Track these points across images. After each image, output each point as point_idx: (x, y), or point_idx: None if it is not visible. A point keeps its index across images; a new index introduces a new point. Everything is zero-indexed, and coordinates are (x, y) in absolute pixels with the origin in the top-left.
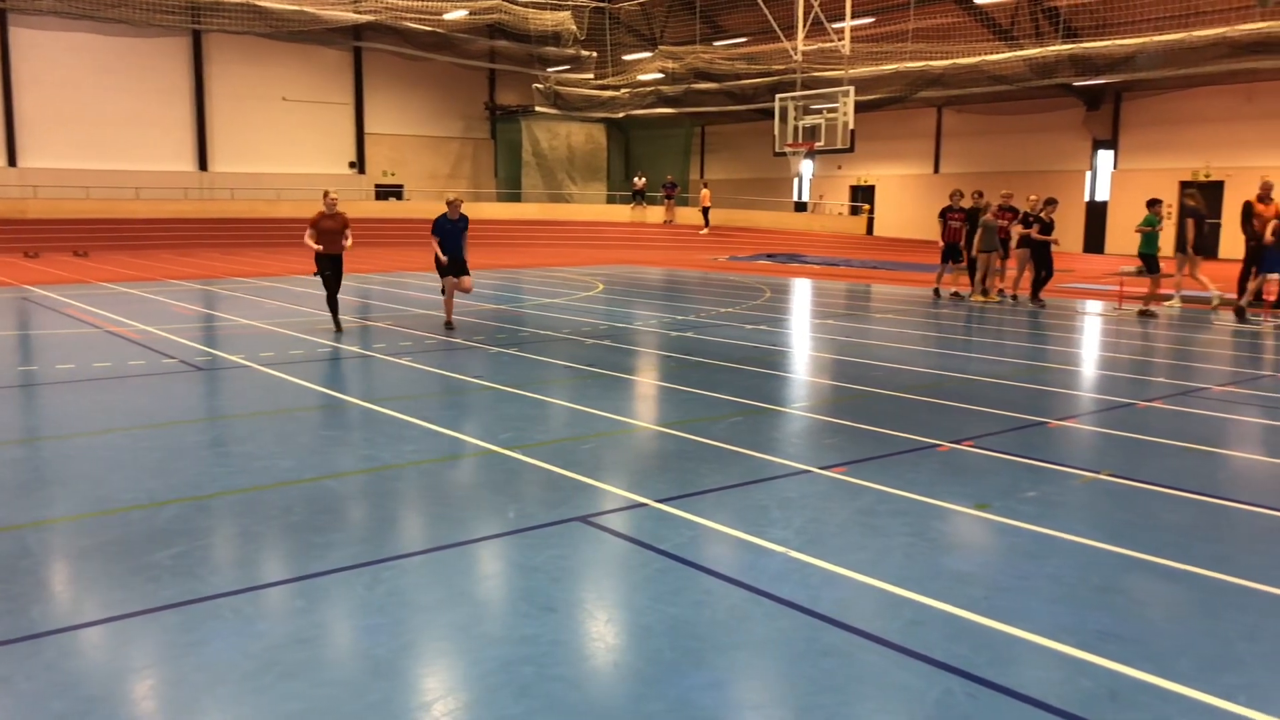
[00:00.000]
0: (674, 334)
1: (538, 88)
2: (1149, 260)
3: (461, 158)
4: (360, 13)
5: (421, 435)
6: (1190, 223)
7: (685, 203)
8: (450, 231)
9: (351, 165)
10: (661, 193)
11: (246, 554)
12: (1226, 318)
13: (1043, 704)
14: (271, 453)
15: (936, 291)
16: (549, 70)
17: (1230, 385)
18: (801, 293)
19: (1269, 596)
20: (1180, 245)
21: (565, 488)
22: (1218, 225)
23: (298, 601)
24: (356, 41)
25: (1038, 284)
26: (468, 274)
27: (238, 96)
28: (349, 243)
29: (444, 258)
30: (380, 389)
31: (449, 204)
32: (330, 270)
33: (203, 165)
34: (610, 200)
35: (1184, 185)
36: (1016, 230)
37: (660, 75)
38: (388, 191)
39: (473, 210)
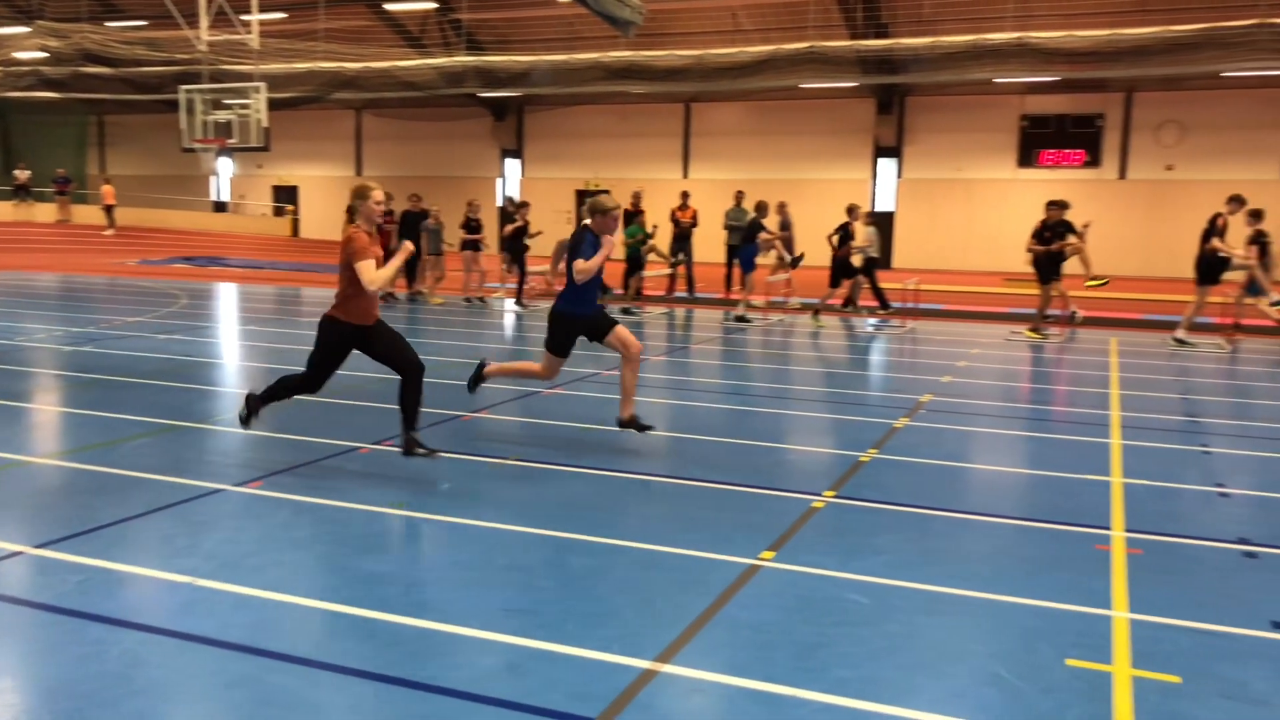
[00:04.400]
0: (69, 349)
1: None
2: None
3: None
4: None
5: None
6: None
7: (84, 200)
8: None
9: None
10: (53, 188)
11: None
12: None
13: (455, 691)
14: None
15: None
16: None
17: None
18: (222, 298)
19: (621, 549)
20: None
21: None
22: None
23: None
24: None
25: (521, 286)
26: None
27: None
28: None
29: None
30: None
31: None
32: None
33: None
34: None
35: (580, 194)
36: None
37: (43, 54)
38: None
39: None
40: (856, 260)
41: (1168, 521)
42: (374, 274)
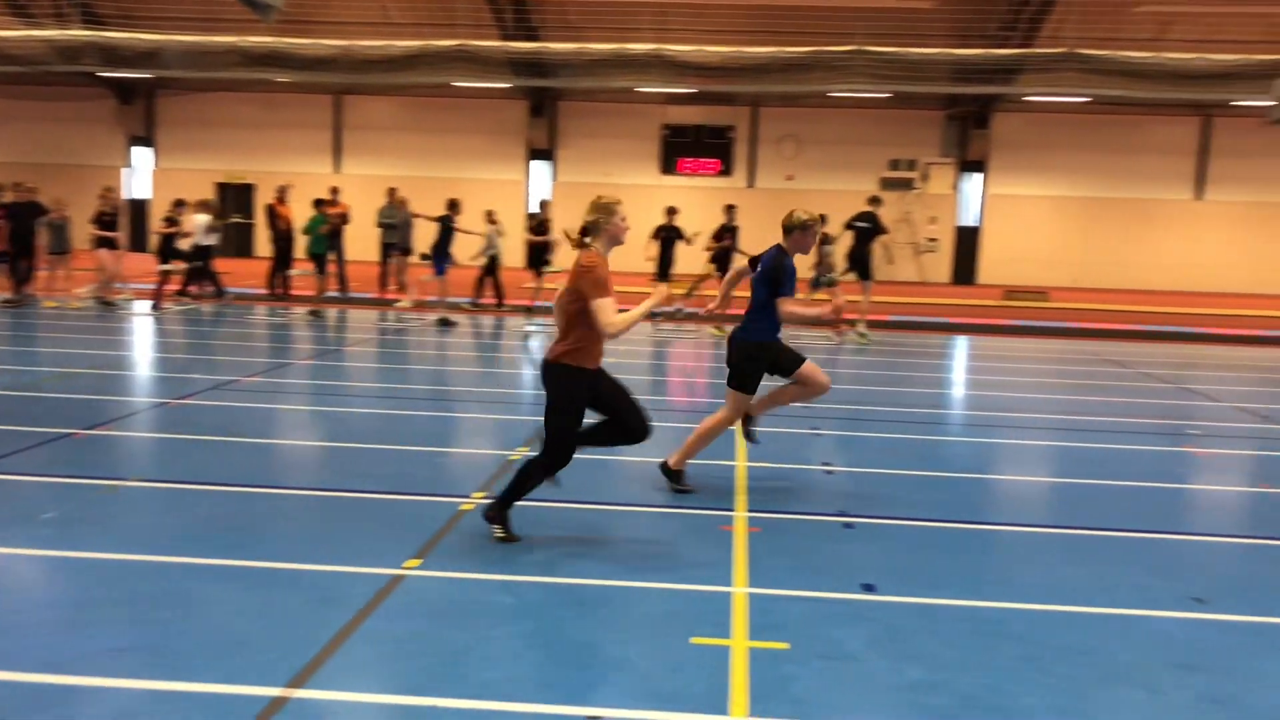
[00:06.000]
0: None
1: None
2: (319, 260)
3: None
4: None
5: None
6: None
7: None
8: None
9: None
10: None
11: None
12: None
13: None
14: None
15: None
16: None
17: (258, 376)
18: None
19: (254, 571)
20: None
21: None
22: (251, 225)
23: None
24: None
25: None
26: None
27: None
28: None
29: None
30: None
31: None
32: None
33: None
34: None
35: (221, 187)
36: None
37: None
38: None
39: None
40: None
41: (783, 499)
42: (615, 317)
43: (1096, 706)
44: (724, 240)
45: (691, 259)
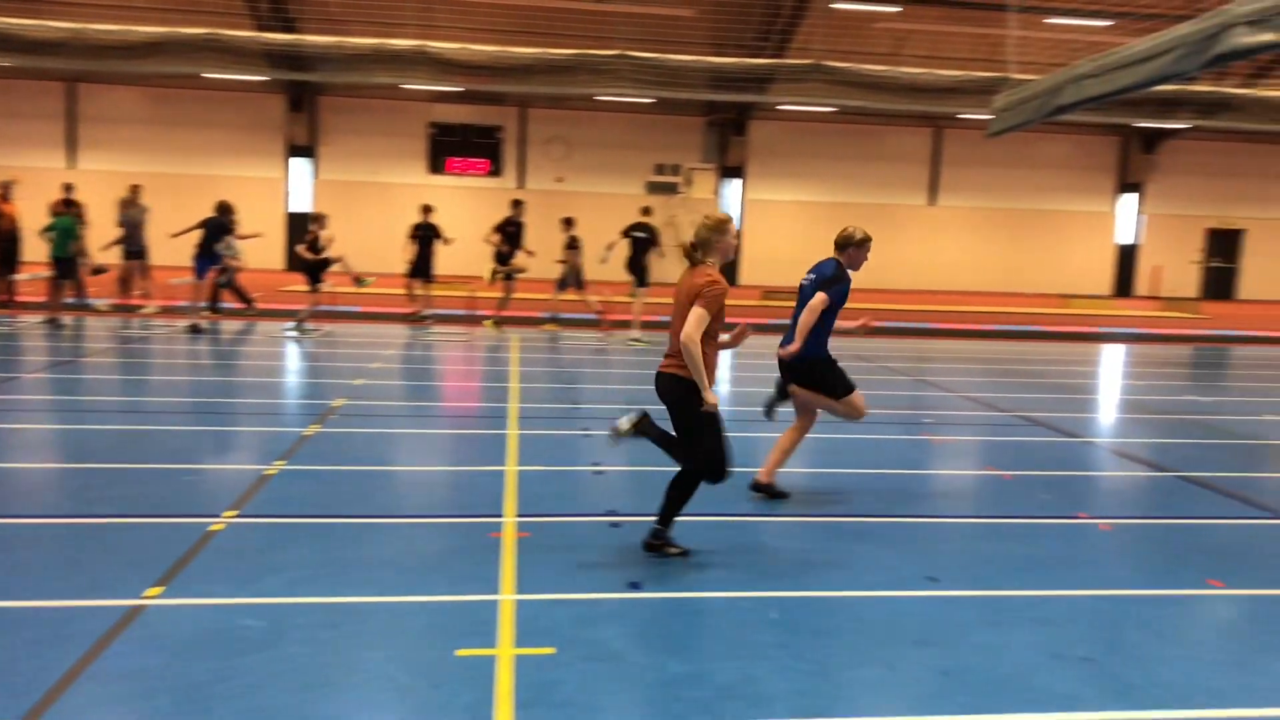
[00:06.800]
0: None
1: None
2: (61, 264)
3: None
4: None
5: None
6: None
7: None
8: None
9: None
10: None
11: None
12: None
13: None
14: None
15: None
16: None
17: None
18: None
19: None
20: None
21: None
22: None
23: None
24: None
25: None
26: None
27: None
28: None
29: None
30: None
31: None
32: None
33: None
34: None
35: None
36: None
37: None
38: None
39: None
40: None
41: (553, 502)
42: (698, 334)
43: (840, 687)
44: (509, 230)
45: (457, 259)
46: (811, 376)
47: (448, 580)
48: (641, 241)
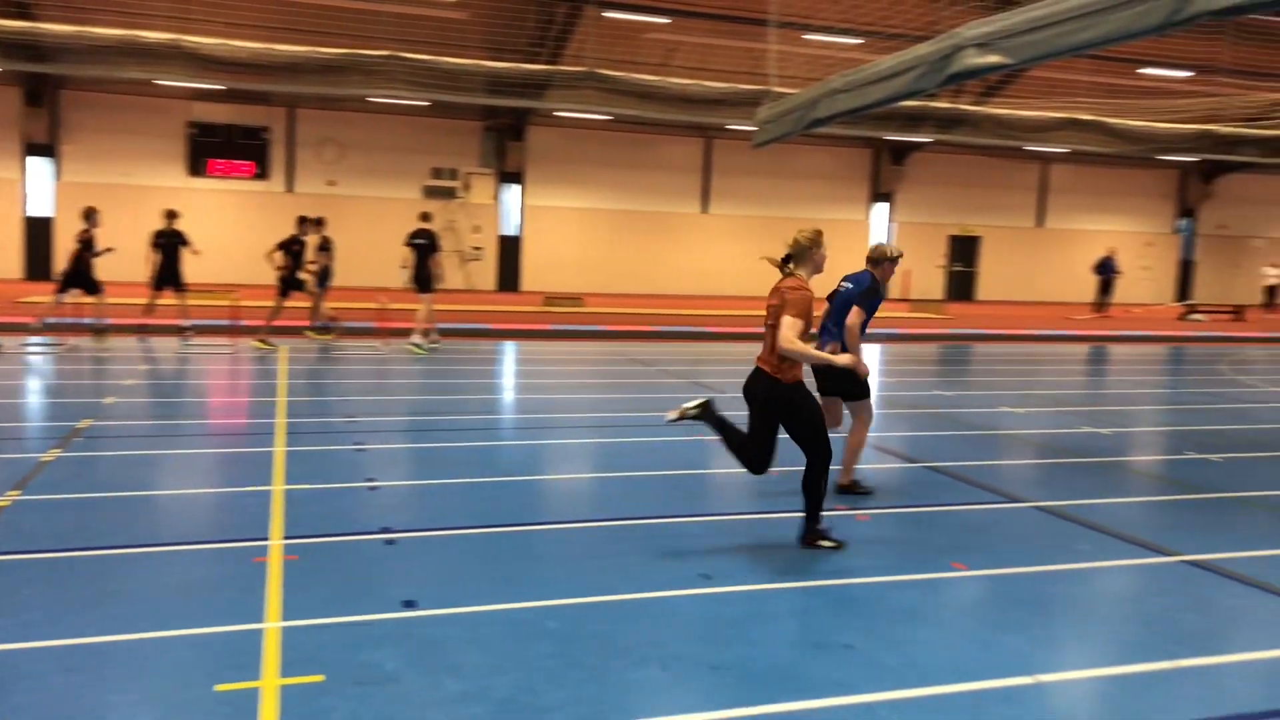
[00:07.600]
0: None
1: None
2: None
3: None
4: None
5: None
6: None
7: None
8: None
9: None
10: None
11: None
12: None
13: None
14: None
15: None
16: None
17: None
18: None
19: None
20: None
21: None
22: None
23: None
24: None
25: None
26: None
27: None
28: None
29: None
30: None
31: None
32: None
33: None
34: None
35: None
36: None
37: None
38: None
39: None
40: None
41: (323, 522)
42: (795, 339)
43: (618, 691)
44: (294, 248)
45: (218, 266)
46: (841, 382)
47: (206, 611)
48: (423, 248)
